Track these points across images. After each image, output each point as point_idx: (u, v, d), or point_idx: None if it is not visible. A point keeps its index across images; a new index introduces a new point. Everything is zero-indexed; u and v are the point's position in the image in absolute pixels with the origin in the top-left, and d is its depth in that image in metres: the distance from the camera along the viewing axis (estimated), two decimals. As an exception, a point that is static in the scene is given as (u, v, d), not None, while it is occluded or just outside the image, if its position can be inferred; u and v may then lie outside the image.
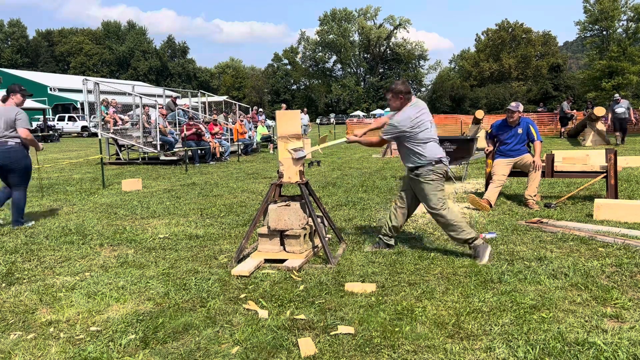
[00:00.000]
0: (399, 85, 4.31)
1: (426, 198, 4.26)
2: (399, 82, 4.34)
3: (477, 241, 4.18)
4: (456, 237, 4.23)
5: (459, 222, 4.21)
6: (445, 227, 4.27)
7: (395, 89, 4.30)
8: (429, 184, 4.21)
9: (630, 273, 3.74)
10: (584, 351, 2.58)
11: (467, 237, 4.17)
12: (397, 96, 4.29)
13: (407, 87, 4.34)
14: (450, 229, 4.22)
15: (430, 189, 4.22)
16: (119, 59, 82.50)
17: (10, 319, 3.22)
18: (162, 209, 6.89)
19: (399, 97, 4.28)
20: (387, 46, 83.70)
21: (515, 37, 73.10)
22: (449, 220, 4.21)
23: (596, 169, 6.51)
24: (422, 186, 4.24)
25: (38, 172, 9.99)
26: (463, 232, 4.18)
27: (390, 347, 2.69)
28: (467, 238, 4.18)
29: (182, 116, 15.53)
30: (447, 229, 4.26)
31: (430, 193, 4.22)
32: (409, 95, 4.31)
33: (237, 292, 3.58)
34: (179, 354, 2.68)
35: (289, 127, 4.39)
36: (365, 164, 12.41)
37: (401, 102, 4.29)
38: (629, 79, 48.37)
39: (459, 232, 4.19)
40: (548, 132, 22.47)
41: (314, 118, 62.71)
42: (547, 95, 67.50)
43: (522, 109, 6.55)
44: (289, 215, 4.21)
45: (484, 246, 4.15)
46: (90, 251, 4.78)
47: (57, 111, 43.03)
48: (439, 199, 4.22)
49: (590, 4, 52.53)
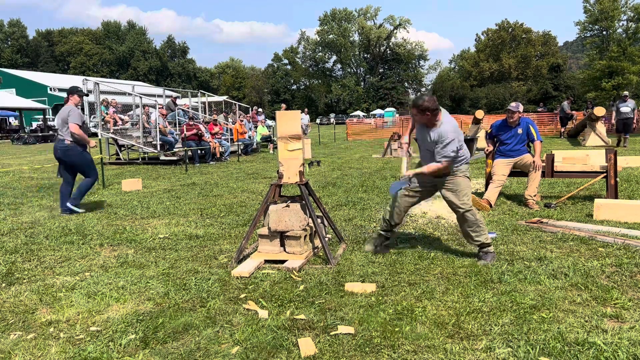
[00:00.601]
0: (426, 102, 4.01)
1: (461, 193, 4.17)
2: (427, 99, 4.04)
3: (490, 248, 4.17)
4: (476, 238, 4.17)
5: (484, 225, 4.21)
6: (470, 227, 4.18)
7: (423, 106, 4.02)
8: (466, 180, 4.21)
9: (630, 273, 3.74)
10: (584, 351, 2.58)
11: (485, 241, 4.16)
12: (424, 113, 4.05)
13: (435, 103, 4.05)
14: (475, 229, 4.17)
15: (466, 184, 4.20)
16: (119, 59, 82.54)
17: (10, 319, 3.22)
18: (162, 209, 6.89)
19: (425, 114, 4.05)
20: (387, 46, 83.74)
21: (515, 37, 73.14)
22: (478, 220, 4.18)
23: (596, 169, 6.50)
24: (459, 180, 4.17)
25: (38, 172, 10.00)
26: (484, 235, 4.16)
27: (390, 347, 2.69)
28: (485, 242, 4.16)
29: (182, 116, 15.53)
30: (471, 228, 4.18)
31: (466, 188, 4.19)
32: (437, 112, 4.08)
33: (237, 292, 3.58)
34: (179, 354, 2.68)
35: (289, 127, 4.39)
36: (365, 164, 12.41)
37: (428, 119, 4.08)
38: (629, 79, 48.39)
39: (480, 234, 4.16)
40: (548, 132, 22.46)
41: (314, 118, 62.73)
42: (547, 95, 67.52)
43: (522, 109, 6.55)
44: (289, 216, 4.21)
45: (493, 255, 4.16)
46: (90, 251, 4.78)
47: (57, 111, 42.88)
48: (469, 197, 4.23)
49: (590, 4, 52.57)
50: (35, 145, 26.65)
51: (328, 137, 26.69)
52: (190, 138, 13.37)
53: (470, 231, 4.19)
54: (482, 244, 4.16)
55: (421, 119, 4.12)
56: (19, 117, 38.30)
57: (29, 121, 41.46)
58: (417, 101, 4.08)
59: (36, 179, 10.67)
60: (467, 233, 4.24)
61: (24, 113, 38.56)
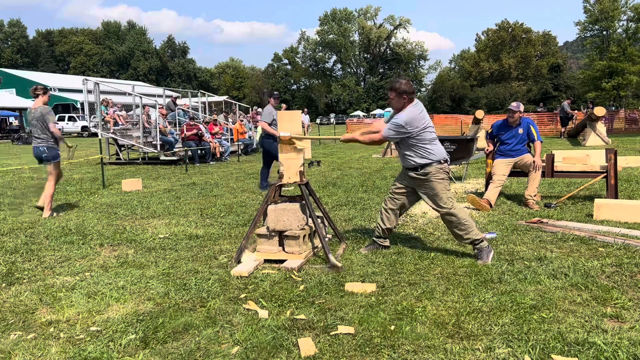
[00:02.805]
0: (403, 85, 4.14)
1: (436, 197, 4.18)
2: (403, 82, 4.16)
3: (483, 243, 4.15)
4: (464, 237, 4.17)
5: (469, 222, 4.18)
6: (456, 227, 4.19)
7: (400, 89, 4.13)
8: (440, 182, 4.17)
9: (630, 273, 3.74)
10: (584, 351, 2.58)
11: (475, 238, 4.13)
12: (401, 96, 4.15)
13: (412, 87, 4.19)
14: (461, 228, 4.16)
15: (441, 187, 4.17)
16: (119, 59, 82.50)
17: (10, 319, 3.22)
18: (162, 209, 6.89)
19: (402, 97, 4.15)
20: (387, 46, 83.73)
21: (515, 37, 73.09)
22: (461, 219, 4.16)
23: (596, 169, 6.50)
24: (433, 185, 4.17)
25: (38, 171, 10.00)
26: (472, 232, 4.14)
27: (390, 347, 2.69)
28: (475, 239, 4.13)
29: (182, 116, 15.53)
30: (457, 228, 4.18)
31: (440, 192, 4.17)
32: (413, 95, 4.19)
33: (237, 292, 3.58)
34: (179, 354, 2.68)
35: (289, 127, 4.39)
36: (365, 164, 12.41)
37: (404, 103, 4.17)
38: (629, 79, 48.35)
39: (468, 232, 4.14)
40: (548, 132, 22.47)
41: (314, 118, 62.72)
42: (547, 95, 67.52)
43: (523, 109, 6.55)
44: (287, 216, 4.21)
45: (488, 249, 4.14)
46: (90, 251, 4.78)
47: (57, 111, 42.98)
48: (448, 197, 4.19)
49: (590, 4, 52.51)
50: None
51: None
52: (190, 138, 13.37)
53: (458, 231, 4.20)
54: (474, 241, 4.14)
55: (398, 103, 4.18)
56: (19, 117, 38.30)
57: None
58: (394, 83, 4.17)
59: (36, 179, 10.66)
60: (455, 234, 4.26)
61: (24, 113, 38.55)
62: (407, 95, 4.17)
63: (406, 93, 4.16)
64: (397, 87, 4.17)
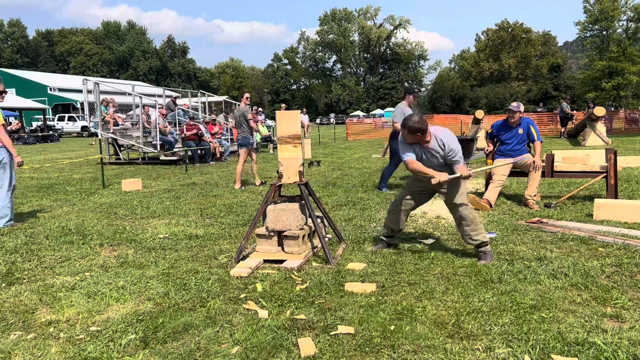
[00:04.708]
0: (417, 124, 4.04)
1: (459, 194, 4.24)
2: (417, 120, 4.06)
3: (488, 247, 4.20)
4: (474, 237, 4.18)
5: (480, 223, 4.25)
6: (469, 225, 4.20)
7: (413, 128, 4.05)
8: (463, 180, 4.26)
9: (630, 273, 3.74)
10: (584, 351, 2.58)
11: (483, 240, 4.17)
12: (415, 134, 4.09)
13: (425, 124, 4.08)
14: (473, 227, 4.19)
15: (464, 184, 4.28)
16: (119, 59, 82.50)
17: (10, 319, 3.22)
18: (162, 209, 6.89)
19: (416, 135, 4.10)
20: (387, 46, 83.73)
21: (515, 37, 73.10)
22: (476, 217, 4.24)
23: (596, 169, 6.50)
24: (460, 182, 4.25)
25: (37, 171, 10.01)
26: (482, 233, 4.19)
27: (390, 347, 2.69)
28: (483, 240, 4.17)
29: (182, 116, 15.53)
30: (470, 226, 4.20)
31: (464, 188, 4.27)
32: (426, 132, 4.09)
33: (237, 292, 3.58)
34: (179, 354, 2.68)
35: (289, 127, 4.39)
36: (365, 164, 12.41)
37: (419, 138, 4.12)
38: (629, 79, 48.39)
39: (478, 232, 4.18)
40: (548, 132, 22.46)
41: (314, 118, 62.72)
42: (547, 95, 67.47)
43: (523, 109, 6.55)
44: (287, 216, 4.21)
45: (490, 254, 4.19)
46: (90, 251, 4.78)
47: (57, 111, 43.04)
48: (465, 195, 4.30)
49: (590, 4, 52.56)
50: (35, 145, 26.64)
51: (328, 137, 26.68)
52: (190, 138, 13.37)
53: (470, 230, 4.19)
54: (481, 243, 4.17)
55: (413, 138, 4.15)
56: (19, 117, 38.28)
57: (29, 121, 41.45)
58: (407, 122, 4.09)
59: (36, 179, 10.67)
60: (465, 232, 4.24)
61: (24, 113, 38.55)
62: (421, 133, 4.11)
63: (419, 131, 4.08)
64: (410, 125, 4.07)
